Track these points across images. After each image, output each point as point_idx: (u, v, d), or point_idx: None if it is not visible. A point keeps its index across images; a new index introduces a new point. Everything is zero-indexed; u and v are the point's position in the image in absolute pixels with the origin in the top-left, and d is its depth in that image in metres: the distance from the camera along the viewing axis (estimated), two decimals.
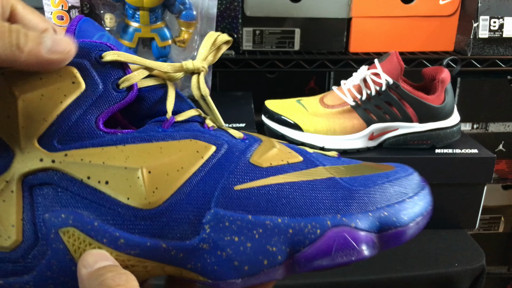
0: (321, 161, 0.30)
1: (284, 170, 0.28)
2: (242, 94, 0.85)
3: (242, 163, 0.28)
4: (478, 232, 0.96)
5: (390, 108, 0.63)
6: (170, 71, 0.29)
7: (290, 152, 0.30)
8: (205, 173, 0.27)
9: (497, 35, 0.81)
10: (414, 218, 0.31)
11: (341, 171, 0.30)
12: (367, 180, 0.30)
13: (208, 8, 0.70)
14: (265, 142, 0.30)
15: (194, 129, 0.29)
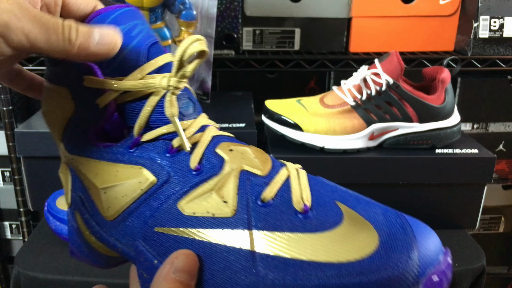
0: (259, 219, 0.25)
1: (201, 224, 0.25)
2: (242, 94, 0.85)
3: (169, 204, 0.27)
4: (479, 232, 0.96)
5: (390, 108, 0.63)
6: (144, 89, 0.28)
7: (226, 202, 0.26)
8: (140, 205, 0.27)
9: (497, 35, 0.81)
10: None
11: (278, 245, 0.24)
12: (312, 265, 0.23)
13: (208, 8, 0.70)
14: (222, 174, 0.27)
15: (153, 153, 0.28)
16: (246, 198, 0.26)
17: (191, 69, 0.28)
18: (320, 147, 0.63)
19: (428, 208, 0.67)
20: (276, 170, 0.28)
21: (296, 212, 0.25)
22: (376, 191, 0.66)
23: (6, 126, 0.82)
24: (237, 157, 0.29)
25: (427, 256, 0.25)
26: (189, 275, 0.25)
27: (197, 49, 0.27)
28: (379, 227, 0.25)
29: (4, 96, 0.80)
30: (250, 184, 0.27)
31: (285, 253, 0.24)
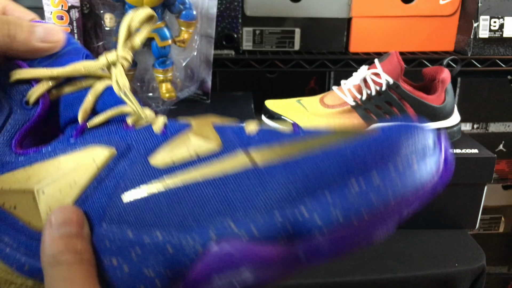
0: (249, 142, 0.23)
1: (186, 166, 0.23)
2: (242, 94, 0.85)
3: (139, 166, 0.23)
4: (479, 232, 0.96)
5: (390, 108, 0.63)
6: (84, 73, 0.26)
7: (209, 138, 0.24)
8: (98, 183, 0.23)
9: (498, 35, 0.81)
10: (350, 213, 0.20)
11: (275, 153, 0.22)
12: (306, 161, 0.21)
13: (208, 8, 0.70)
14: (190, 128, 0.25)
15: (106, 132, 0.25)
16: (227, 133, 0.24)
17: (140, 38, 0.27)
18: None
19: (428, 208, 0.67)
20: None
21: (285, 132, 0.24)
22: None
23: None
24: (202, 120, 0.27)
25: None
26: (74, 225, 0.22)
27: (144, 14, 0.26)
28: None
29: None
30: (226, 127, 0.25)
31: (286, 158, 0.22)
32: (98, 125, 0.26)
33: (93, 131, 0.25)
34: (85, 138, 0.25)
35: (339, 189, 0.20)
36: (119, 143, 0.24)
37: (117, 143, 0.24)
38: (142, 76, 0.71)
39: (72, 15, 0.63)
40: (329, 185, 0.20)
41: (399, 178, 0.22)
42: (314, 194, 0.20)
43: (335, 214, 0.20)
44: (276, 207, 0.20)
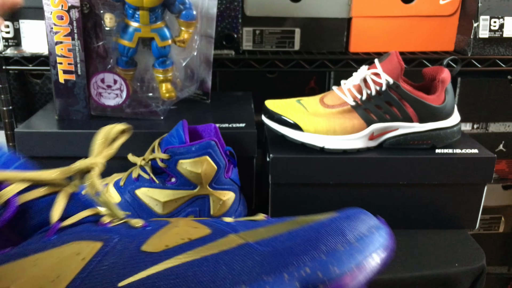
0: (236, 228, 0.27)
1: (182, 249, 0.25)
2: (242, 94, 0.85)
3: (130, 254, 0.25)
4: (479, 232, 0.96)
5: (390, 108, 0.63)
6: (56, 178, 0.27)
7: (196, 227, 0.27)
8: (87, 275, 0.24)
9: (498, 35, 0.81)
10: (349, 267, 0.25)
11: (260, 233, 0.27)
12: (290, 235, 0.26)
13: (208, 8, 0.70)
14: (170, 223, 0.28)
15: (83, 230, 0.26)
16: (211, 222, 0.28)
17: (116, 147, 0.29)
18: (320, 147, 0.63)
19: (428, 208, 0.67)
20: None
21: (257, 220, 0.30)
22: (376, 191, 0.66)
23: (6, 126, 0.82)
24: (177, 218, 0.31)
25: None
26: None
27: (121, 128, 0.29)
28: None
29: (4, 96, 0.80)
30: (206, 220, 0.29)
31: (266, 236, 0.27)
32: (70, 225, 0.27)
33: (68, 231, 0.26)
34: (62, 237, 0.26)
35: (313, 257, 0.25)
36: (103, 238, 0.25)
37: (101, 238, 0.25)
38: (142, 76, 0.71)
39: (72, 15, 0.63)
40: (316, 252, 0.25)
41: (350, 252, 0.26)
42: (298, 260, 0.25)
43: (351, 260, 0.26)
44: (285, 272, 0.24)
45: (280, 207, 0.66)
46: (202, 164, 0.56)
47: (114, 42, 0.67)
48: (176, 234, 0.26)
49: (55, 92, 0.68)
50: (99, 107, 0.70)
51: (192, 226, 0.27)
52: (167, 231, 0.27)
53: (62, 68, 0.66)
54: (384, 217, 0.70)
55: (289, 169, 0.63)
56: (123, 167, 0.63)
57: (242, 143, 0.66)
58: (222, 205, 0.60)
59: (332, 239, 0.26)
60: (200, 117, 0.71)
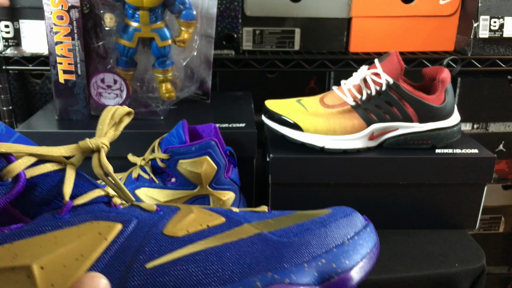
0: (247, 218, 0.29)
1: (203, 235, 0.26)
2: (242, 94, 0.85)
3: (154, 237, 0.25)
4: (479, 232, 0.96)
5: (390, 108, 0.63)
6: (64, 154, 0.27)
7: (211, 215, 0.28)
8: (112, 256, 0.24)
9: (498, 35, 0.81)
10: (357, 259, 0.27)
11: (271, 224, 0.28)
12: (301, 228, 0.28)
13: (208, 8, 0.70)
14: (182, 209, 0.28)
15: (97, 210, 0.26)
16: (222, 211, 0.29)
17: (120, 129, 0.29)
18: (320, 147, 0.63)
19: (428, 208, 0.67)
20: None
21: (261, 212, 0.31)
22: (376, 191, 0.66)
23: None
24: (186, 205, 0.31)
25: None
26: None
27: (126, 111, 0.28)
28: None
29: (4, 96, 0.80)
30: (215, 208, 0.30)
31: (278, 227, 0.29)
32: (82, 204, 0.26)
33: (82, 209, 0.26)
34: (78, 215, 0.25)
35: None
36: (121, 219, 0.26)
37: (119, 219, 0.25)
38: (142, 76, 0.71)
39: (72, 15, 0.63)
40: (327, 245, 0.28)
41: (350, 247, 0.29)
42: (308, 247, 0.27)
43: (356, 254, 0.28)
44: (304, 262, 0.25)
45: (280, 207, 0.66)
46: (202, 164, 0.56)
47: (114, 42, 0.67)
48: (194, 220, 0.27)
49: (55, 92, 0.68)
50: (99, 107, 0.70)
51: (207, 213, 0.28)
52: (183, 216, 0.27)
53: (62, 68, 0.66)
54: (384, 217, 0.71)
55: (289, 169, 0.63)
56: (123, 167, 0.63)
57: (242, 143, 0.66)
58: (222, 205, 0.60)
59: (338, 234, 0.28)
60: (200, 117, 0.71)
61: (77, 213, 0.26)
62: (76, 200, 0.26)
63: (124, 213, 0.27)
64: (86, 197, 0.27)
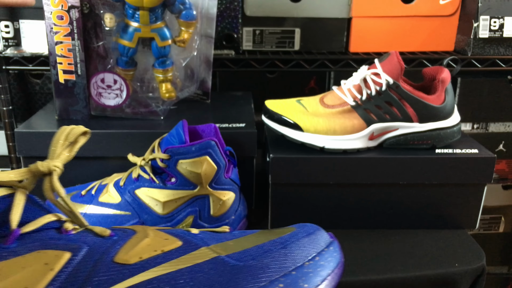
0: (206, 240, 0.28)
1: (157, 261, 0.25)
2: (242, 94, 0.85)
3: (104, 265, 0.24)
4: (479, 232, 0.96)
5: (390, 108, 0.63)
6: (14, 178, 0.26)
7: (167, 239, 0.27)
8: (58, 287, 0.23)
9: (498, 35, 0.81)
10: (316, 282, 0.26)
11: (229, 247, 0.28)
12: (260, 250, 0.27)
13: (208, 8, 0.70)
14: (138, 233, 0.27)
15: (46, 237, 0.25)
16: (180, 234, 0.28)
17: (75, 150, 0.28)
18: (320, 147, 0.64)
19: (428, 208, 0.67)
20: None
21: (221, 232, 0.31)
22: (376, 191, 0.66)
23: (6, 126, 0.82)
24: (143, 226, 0.30)
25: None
26: None
27: (81, 131, 0.27)
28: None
29: (4, 96, 0.80)
30: (172, 230, 0.29)
31: (236, 250, 0.28)
32: (31, 232, 0.25)
33: (29, 238, 0.25)
34: (24, 244, 0.24)
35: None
36: (70, 247, 0.24)
37: (68, 247, 0.24)
38: (142, 76, 0.71)
39: (72, 15, 0.63)
40: (285, 267, 0.27)
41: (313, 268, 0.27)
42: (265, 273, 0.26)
43: (317, 276, 0.27)
44: (258, 285, 0.24)
45: (280, 207, 0.66)
46: (202, 164, 0.56)
47: (114, 42, 0.67)
48: (148, 246, 0.26)
49: (55, 92, 0.68)
50: (99, 107, 0.70)
51: (163, 237, 0.27)
52: (138, 242, 0.26)
53: (62, 68, 0.66)
54: (384, 217, 0.71)
55: (289, 169, 0.63)
56: (123, 167, 0.63)
57: (242, 143, 0.66)
58: (222, 205, 0.60)
59: (298, 255, 0.27)
60: (200, 117, 0.71)
61: (25, 242, 0.25)
62: (24, 227, 0.25)
63: (75, 239, 0.25)
64: (35, 223, 0.26)
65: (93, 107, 0.70)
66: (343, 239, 0.65)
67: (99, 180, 0.64)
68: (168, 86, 0.70)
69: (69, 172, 0.68)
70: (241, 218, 0.63)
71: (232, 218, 0.62)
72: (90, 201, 0.60)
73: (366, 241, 0.65)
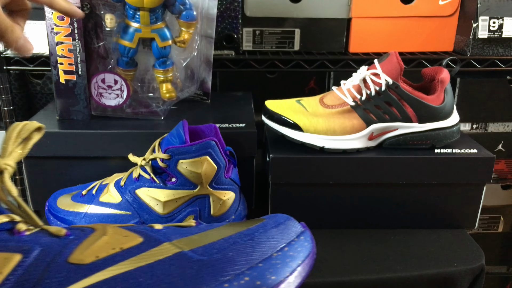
0: (168, 235, 0.27)
1: (115, 260, 0.24)
2: (242, 94, 0.85)
3: (56, 266, 0.23)
4: (478, 231, 0.96)
5: (390, 108, 0.63)
6: None
7: (127, 236, 0.26)
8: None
9: (497, 35, 0.81)
10: (285, 274, 0.25)
11: (194, 241, 0.26)
12: (226, 243, 0.26)
13: (208, 9, 0.70)
14: (96, 231, 0.26)
15: None
16: (141, 230, 0.27)
17: (29, 147, 0.27)
18: (320, 147, 0.64)
19: (428, 207, 0.67)
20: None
21: (187, 226, 0.29)
22: (376, 191, 0.66)
23: (7, 126, 0.82)
24: (103, 224, 0.29)
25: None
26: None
27: (35, 126, 0.26)
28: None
29: (5, 96, 0.80)
30: (134, 227, 0.27)
31: (201, 244, 0.27)
32: None
33: None
34: None
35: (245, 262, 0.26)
36: (22, 249, 0.23)
37: (19, 249, 0.23)
38: (143, 77, 0.71)
39: None
40: (252, 260, 0.26)
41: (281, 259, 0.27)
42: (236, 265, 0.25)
43: (285, 267, 0.26)
44: (225, 281, 0.24)
45: (280, 207, 0.66)
46: (202, 164, 0.56)
47: (115, 43, 0.67)
48: (106, 244, 0.25)
49: (56, 92, 0.68)
50: (99, 107, 0.70)
51: (122, 234, 0.26)
52: (95, 240, 0.25)
53: (62, 68, 0.67)
54: (384, 217, 0.71)
55: (289, 169, 0.64)
56: (124, 167, 0.64)
57: (242, 143, 0.66)
58: (222, 205, 0.60)
59: (266, 246, 0.26)
60: (200, 117, 0.72)
61: None
62: None
63: (27, 241, 0.24)
64: None
65: (93, 107, 0.70)
66: (342, 238, 0.66)
67: (100, 180, 0.64)
68: (169, 86, 0.70)
69: (70, 172, 0.68)
70: (241, 218, 0.64)
71: (232, 218, 0.62)
72: (91, 201, 0.60)
73: (366, 240, 0.65)
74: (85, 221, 0.60)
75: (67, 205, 0.62)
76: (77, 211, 0.60)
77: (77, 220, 0.60)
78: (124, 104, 0.70)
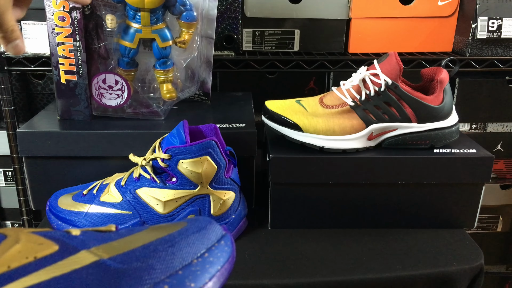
0: (86, 242, 0.26)
1: (28, 270, 0.23)
2: (242, 94, 0.86)
3: None
4: (477, 231, 0.97)
5: (389, 108, 0.63)
6: None
7: (42, 243, 0.25)
8: None
9: (496, 36, 0.81)
10: (204, 280, 0.25)
11: (113, 248, 0.26)
12: (147, 250, 0.26)
13: (208, 9, 0.70)
14: (8, 239, 0.25)
15: None
16: (57, 236, 0.26)
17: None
18: (319, 147, 0.64)
19: (427, 207, 0.67)
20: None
21: (107, 231, 0.29)
22: (375, 191, 0.66)
23: (8, 126, 0.82)
24: (16, 229, 0.28)
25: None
26: None
27: None
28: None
29: (6, 96, 0.81)
30: (49, 232, 0.27)
31: (121, 251, 0.26)
32: None
33: None
34: None
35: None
36: None
37: None
38: (143, 77, 0.71)
39: (74, 16, 0.64)
40: (171, 267, 0.26)
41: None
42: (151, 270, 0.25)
43: (205, 274, 0.26)
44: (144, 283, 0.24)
45: (280, 206, 0.67)
46: (202, 164, 0.56)
47: (115, 43, 0.67)
48: (19, 253, 0.23)
49: (57, 92, 0.69)
50: (100, 107, 0.71)
51: (36, 242, 0.25)
52: (7, 248, 0.23)
53: (63, 68, 0.67)
54: (383, 216, 0.71)
55: (289, 169, 0.64)
56: (124, 167, 0.64)
57: (242, 143, 0.66)
58: (222, 205, 0.60)
59: (186, 253, 0.26)
60: (200, 117, 0.72)
61: None
62: None
63: None
64: None
65: (94, 107, 0.71)
66: (342, 238, 0.66)
67: (101, 180, 0.64)
68: (169, 87, 0.71)
69: (71, 172, 0.68)
70: (241, 218, 0.64)
71: (232, 217, 0.62)
72: (92, 201, 0.61)
73: (365, 240, 0.65)
74: (86, 220, 0.60)
75: (68, 204, 0.62)
76: (78, 210, 0.61)
77: (78, 220, 0.60)
78: (124, 104, 0.71)
